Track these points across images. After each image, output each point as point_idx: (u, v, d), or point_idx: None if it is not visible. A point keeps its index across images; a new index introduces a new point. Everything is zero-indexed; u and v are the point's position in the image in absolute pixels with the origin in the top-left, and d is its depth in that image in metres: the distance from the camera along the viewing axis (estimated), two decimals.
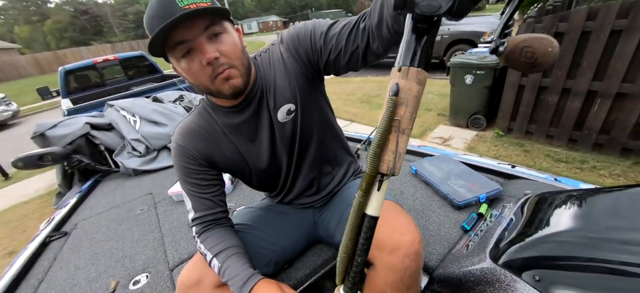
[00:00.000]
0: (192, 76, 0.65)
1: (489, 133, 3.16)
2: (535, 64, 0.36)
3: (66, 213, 1.63)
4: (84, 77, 4.52)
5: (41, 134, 2.00)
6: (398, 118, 0.36)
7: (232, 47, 0.65)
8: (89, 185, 1.98)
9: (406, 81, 0.35)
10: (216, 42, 0.63)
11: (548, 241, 0.68)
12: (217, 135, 0.80)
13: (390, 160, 0.37)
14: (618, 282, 0.52)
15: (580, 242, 0.63)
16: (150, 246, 1.24)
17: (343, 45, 0.64)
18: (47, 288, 1.10)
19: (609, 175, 2.24)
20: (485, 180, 1.17)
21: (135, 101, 2.46)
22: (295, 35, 0.74)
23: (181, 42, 0.60)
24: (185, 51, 0.61)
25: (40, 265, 1.24)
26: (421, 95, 0.36)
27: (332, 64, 0.69)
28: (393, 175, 0.37)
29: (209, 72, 0.63)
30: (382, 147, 0.37)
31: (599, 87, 2.34)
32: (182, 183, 0.81)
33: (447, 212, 1.09)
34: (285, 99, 0.78)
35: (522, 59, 0.37)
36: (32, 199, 3.57)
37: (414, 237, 0.66)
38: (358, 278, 0.47)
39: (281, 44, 0.78)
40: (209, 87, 0.66)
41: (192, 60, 0.62)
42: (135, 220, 1.46)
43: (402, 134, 0.36)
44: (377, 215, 0.41)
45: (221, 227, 0.80)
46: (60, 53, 21.08)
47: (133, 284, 1.06)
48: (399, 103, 0.35)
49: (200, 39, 0.60)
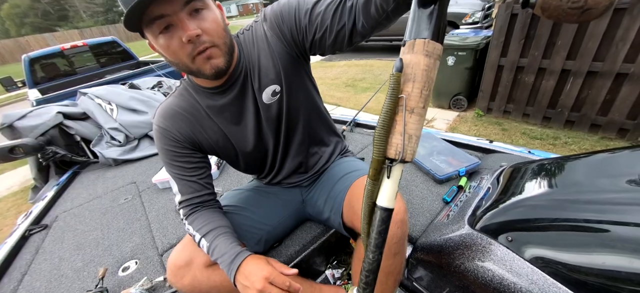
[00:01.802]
0: (170, 54, 0.62)
1: (470, 113, 3.27)
2: (585, 6, 0.28)
3: (45, 206, 1.57)
4: (52, 65, 4.24)
5: (9, 125, 1.88)
6: (404, 96, 0.32)
7: (214, 24, 0.62)
8: (67, 177, 1.91)
9: (412, 55, 0.31)
10: (197, 18, 0.60)
11: (520, 206, 0.73)
12: (201, 117, 0.78)
13: (399, 143, 0.32)
14: (580, 237, 0.57)
15: (549, 204, 0.68)
16: (138, 233, 1.22)
17: (328, 24, 0.62)
18: (31, 280, 1.08)
19: (578, 149, 2.39)
20: (465, 155, 1.22)
21: (110, 88, 2.36)
22: (279, 13, 0.71)
23: (160, 17, 0.57)
24: (163, 27, 0.58)
25: (22, 258, 1.20)
26: (433, 69, 0.32)
27: (317, 43, 0.67)
28: (403, 161, 0.32)
29: (190, 49, 0.60)
30: (388, 129, 0.33)
31: (572, 65, 2.44)
32: (167, 167, 0.79)
33: (429, 186, 1.14)
34: (270, 79, 0.76)
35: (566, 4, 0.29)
36: (5, 197, 3.40)
37: (399, 206, 0.69)
38: (371, 278, 0.41)
39: (264, 21, 0.74)
40: (190, 65, 0.63)
41: (172, 37, 0.59)
42: (119, 210, 1.43)
43: (410, 113, 0.32)
44: (391, 207, 0.36)
45: (208, 209, 0.80)
46: (22, 40, 19.54)
47: (122, 270, 1.05)
48: (405, 79, 0.32)
49: (180, 14, 0.57)
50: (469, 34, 3.37)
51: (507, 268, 0.61)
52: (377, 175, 0.35)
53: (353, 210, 0.78)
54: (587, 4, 0.27)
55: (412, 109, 0.32)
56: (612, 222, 0.54)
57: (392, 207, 0.36)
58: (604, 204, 0.60)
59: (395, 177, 0.34)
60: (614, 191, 0.61)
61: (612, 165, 0.72)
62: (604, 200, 0.61)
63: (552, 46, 2.51)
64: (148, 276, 0.97)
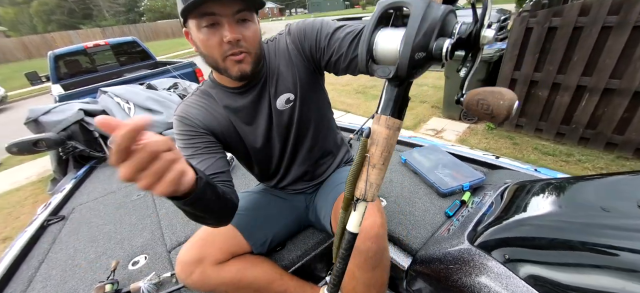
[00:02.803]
0: (206, 48, 0.68)
1: (481, 126, 3.23)
2: (492, 114, 0.39)
3: (62, 198, 1.65)
4: (75, 62, 4.44)
5: (34, 120, 1.99)
6: (368, 155, 0.41)
7: (253, 34, 0.69)
8: (84, 172, 2.00)
9: (378, 126, 0.41)
10: (242, 26, 0.67)
11: (521, 224, 0.74)
12: (217, 112, 0.82)
13: (363, 188, 0.42)
14: (578, 259, 0.58)
15: (550, 225, 0.68)
16: (148, 229, 1.28)
17: (344, 51, 0.68)
18: (48, 268, 1.14)
19: (592, 168, 2.33)
20: (470, 169, 1.22)
21: (129, 88, 2.45)
22: (303, 30, 0.78)
23: (211, 14, 0.63)
24: (210, 23, 0.64)
25: (40, 247, 1.27)
26: (393, 137, 0.41)
27: (332, 65, 0.74)
28: (365, 200, 0.43)
29: (225, 49, 0.67)
30: (356, 177, 0.43)
31: (588, 82, 2.40)
32: (183, 151, 0.76)
33: (432, 199, 1.15)
34: (286, 88, 0.82)
35: (481, 110, 0.40)
36: (24, 186, 3.56)
37: (374, 221, 0.71)
38: (337, 281, 0.52)
39: (288, 35, 0.82)
40: (219, 63, 0.70)
41: (214, 34, 0.65)
42: (132, 206, 1.49)
43: (372, 168, 0.41)
44: (355, 231, 0.46)
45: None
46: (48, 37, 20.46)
47: (132, 264, 1.10)
48: (371, 143, 0.41)
49: (229, 18, 0.64)
50: None
51: (503, 286, 0.61)
52: (347, 207, 0.45)
53: (336, 218, 0.81)
54: (493, 112, 0.37)
55: (374, 165, 0.41)
56: (616, 248, 0.54)
57: (357, 232, 0.46)
58: (610, 229, 0.60)
59: (360, 210, 0.44)
60: (622, 216, 0.61)
61: (622, 189, 0.71)
62: (611, 225, 0.61)
63: (568, 61, 2.47)
64: (156, 271, 1.02)
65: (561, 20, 2.42)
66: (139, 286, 0.95)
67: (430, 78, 5.25)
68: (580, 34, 2.35)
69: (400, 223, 1.06)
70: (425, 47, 0.34)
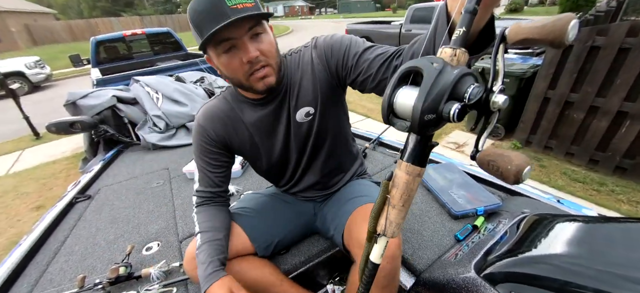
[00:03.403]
0: (229, 71, 0.71)
1: (506, 143, 3.08)
2: (501, 176, 0.40)
3: (91, 178, 1.77)
4: (113, 48, 4.74)
5: (73, 103, 2.15)
6: (388, 197, 0.45)
7: (269, 46, 0.71)
8: (112, 154, 2.13)
9: (399, 170, 0.44)
10: (257, 41, 0.69)
11: (533, 261, 0.70)
12: (237, 123, 0.86)
13: (383, 224, 0.46)
14: None
15: (564, 266, 0.64)
16: (163, 217, 1.34)
17: (373, 72, 0.69)
18: (72, 243, 1.23)
19: (627, 201, 2.16)
20: (486, 193, 1.18)
21: (159, 79, 2.58)
22: (330, 46, 0.79)
23: (227, 40, 0.66)
24: (227, 48, 0.67)
25: (67, 222, 1.38)
26: (413, 182, 0.43)
27: (358, 83, 0.74)
28: (385, 236, 0.46)
29: (247, 68, 0.69)
30: (378, 215, 0.46)
31: (631, 108, 2.22)
32: (196, 158, 0.89)
33: (443, 220, 1.12)
34: (307, 101, 0.83)
35: (492, 170, 0.41)
36: (59, 160, 3.84)
37: (393, 240, 0.70)
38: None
39: (314, 48, 0.82)
40: (243, 82, 0.73)
41: (234, 57, 0.68)
42: (151, 192, 1.57)
43: (392, 208, 0.45)
44: (377, 262, 0.49)
45: (216, 206, 0.89)
46: (92, 22, 21.90)
47: (146, 250, 1.16)
48: (392, 186, 0.44)
49: (244, 39, 0.66)
50: (516, 59, 3.20)
51: None
52: (370, 239, 0.48)
53: (350, 235, 0.81)
54: (502, 175, 0.38)
55: (394, 205, 0.44)
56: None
57: (378, 263, 0.48)
58: (632, 283, 0.55)
59: (381, 244, 0.47)
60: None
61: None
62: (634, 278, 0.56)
63: (610, 84, 2.30)
64: (166, 259, 1.07)
65: (606, 40, 2.25)
66: (149, 272, 1.00)
67: None
68: (626, 56, 2.18)
69: (408, 241, 1.04)
70: (435, 110, 0.36)
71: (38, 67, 8.83)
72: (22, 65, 8.38)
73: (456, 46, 0.39)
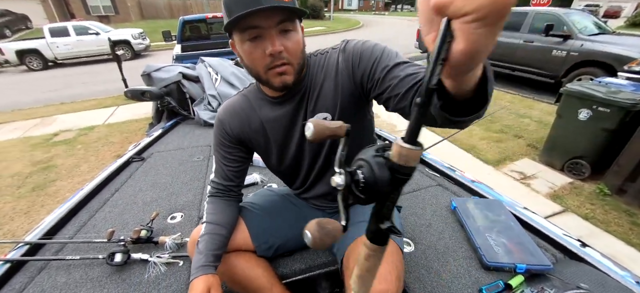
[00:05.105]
0: (250, 60, 0.70)
1: (590, 186, 2.53)
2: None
3: (148, 142, 2.01)
4: (196, 28, 5.31)
5: (148, 74, 2.46)
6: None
7: (295, 45, 0.69)
8: (170, 124, 2.39)
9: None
10: (284, 37, 0.67)
11: None
12: (253, 120, 0.85)
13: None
14: None
15: None
16: (192, 192, 1.44)
17: (402, 92, 0.61)
18: (118, 197, 1.41)
19: None
20: (534, 247, 0.96)
21: (221, 61, 2.78)
22: (359, 53, 0.72)
23: (254, 27, 0.65)
24: (253, 36, 0.66)
25: (120, 178, 1.58)
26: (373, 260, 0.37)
27: (383, 100, 0.68)
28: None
29: (268, 61, 0.68)
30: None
31: None
32: (213, 150, 0.91)
33: (470, 266, 0.95)
34: (325, 106, 0.78)
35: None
36: (141, 119, 4.50)
37: (387, 288, 0.63)
38: None
39: (342, 52, 0.76)
40: (261, 75, 0.71)
41: (257, 47, 0.67)
42: (190, 165, 1.71)
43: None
44: None
45: (227, 200, 0.89)
46: (188, 2, 24.89)
47: (170, 218, 1.26)
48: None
49: (271, 30, 0.65)
50: (625, 86, 2.58)
51: None
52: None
53: (347, 264, 0.75)
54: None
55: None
56: None
57: None
58: None
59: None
60: None
61: None
62: None
63: None
64: (182, 233, 1.14)
65: None
66: (165, 240, 1.08)
67: (537, 110, 4.36)
68: None
69: (420, 280, 0.91)
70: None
71: (141, 38, 10.47)
72: (129, 35, 10.06)
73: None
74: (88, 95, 6.19)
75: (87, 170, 3.12)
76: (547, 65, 5.03)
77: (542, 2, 9.29)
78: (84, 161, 3.34)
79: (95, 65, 9.64)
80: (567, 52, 4.69)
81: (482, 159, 3.09)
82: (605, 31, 4.99)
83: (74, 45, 9.46)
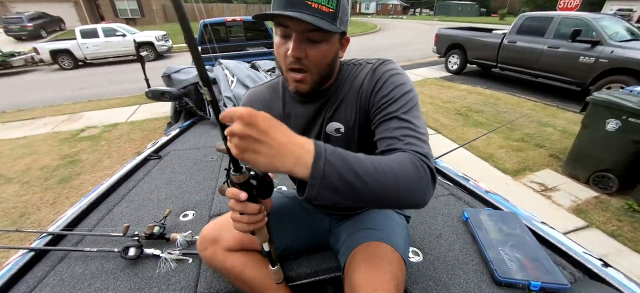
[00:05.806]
0: (276, 53, 0.73)
1: (617, 201, 2.38)
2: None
3: (165, 141, 2.08)
4: (216, 31, 5.49)
5: (168, 75, 2.55)
6: None
7: (320, 57, 0.69)
8: (188, 124, 2.46)
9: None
10: (310, 44, 0.67)
11: None
12: (273, 110, 0.86)
13: None
14: None
15: None
16: (205, 191, 1.48)
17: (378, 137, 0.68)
18: (135, 194, 1.47)
19: None
20: (551, 265, 0.91)
21: (237, 64, 2.84)
22: (384, 81, 0.72)
23: (284, 26, 0.67)
24: (283, 33, 0.68)
25: (138, 175, 1.65)
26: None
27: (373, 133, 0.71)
28: None
29: (288, 62, 0.69)
30: None
31: None
32: None
33: (481, 281, 0.92)
34: (342, 117, 0.79)
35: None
36: (160, 118, 4.67)
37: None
38: None
39: (373, 71, 0.76)
40: (283, 71, 0.74)
41: (283, 45, 0.69)
42: (204, 165, 1.75)
43: None
44: None
45: None
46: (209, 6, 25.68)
47: (182, 216, 1.30)
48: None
49: (298, 35, 0.66)
50: None
51: None
52: None
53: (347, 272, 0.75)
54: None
55: None
56: None
57: None
58: None
59: None
60: None
61: None
62: None
63: None
64: (193, 230, 1.17)
65: None
66: (176, 237, 1.11)
67: (562, 119, 4.17)
68: None
69: (427, 292, 0.89)
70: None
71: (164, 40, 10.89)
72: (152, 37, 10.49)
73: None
74: (113, 93, 6.50)
75: (109, 165, 3.27)
76: (573, 73, 4.81)
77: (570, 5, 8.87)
78: (107, 156, 3.50)
79: (121, 65, 10.11)
80: (596, 58, 4.46)
81: (500, 168, 2.99)
82: (638, 37, 4.70)
83: (102, 46, 9.98)
